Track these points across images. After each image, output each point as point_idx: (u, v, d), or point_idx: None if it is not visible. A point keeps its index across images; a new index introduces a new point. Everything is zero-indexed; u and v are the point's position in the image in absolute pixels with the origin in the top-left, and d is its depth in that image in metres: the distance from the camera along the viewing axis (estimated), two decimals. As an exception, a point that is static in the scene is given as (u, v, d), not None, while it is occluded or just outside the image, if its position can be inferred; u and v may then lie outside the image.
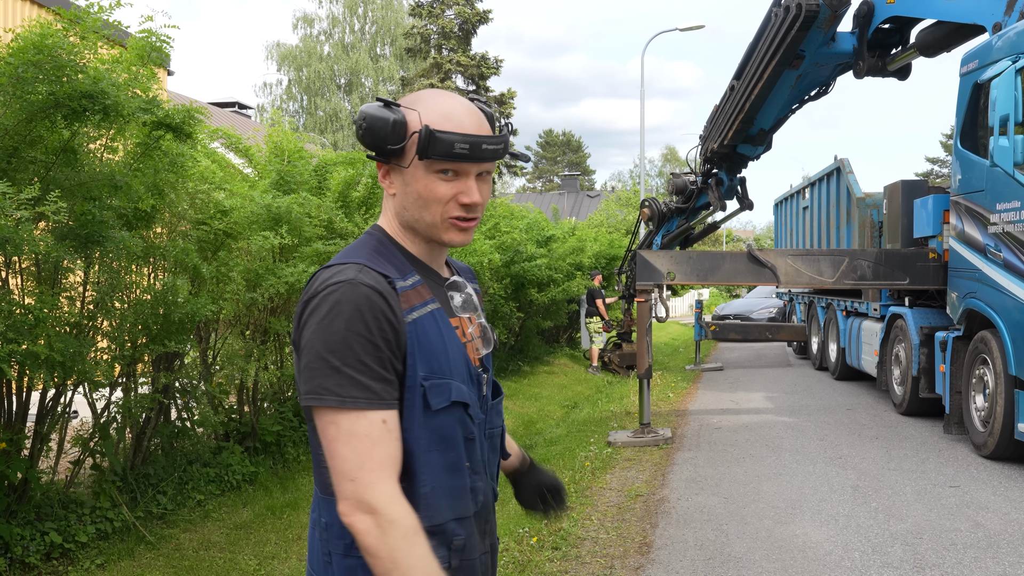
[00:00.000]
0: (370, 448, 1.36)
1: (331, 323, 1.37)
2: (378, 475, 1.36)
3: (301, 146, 7.50)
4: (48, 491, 4.74)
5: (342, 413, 1.36)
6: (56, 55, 3.98)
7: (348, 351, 1.37)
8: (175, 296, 4.89)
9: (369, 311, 1.38)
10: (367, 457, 1.36)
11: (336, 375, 1.36)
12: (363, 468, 1.35)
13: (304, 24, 48.41)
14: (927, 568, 4.51)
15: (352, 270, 1.43)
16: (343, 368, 1.36)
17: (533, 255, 13.25)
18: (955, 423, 7.67)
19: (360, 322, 1.37)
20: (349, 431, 1.36)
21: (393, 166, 1.50)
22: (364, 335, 1.37)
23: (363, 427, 1.36)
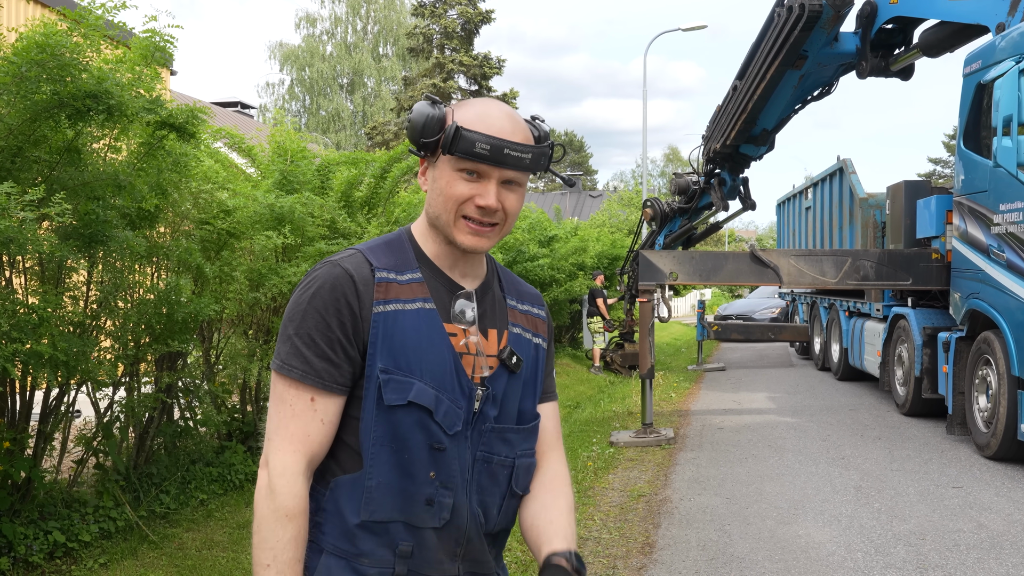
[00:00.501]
0: (289, 418, 1.43)
1: (301, 295, 1.46)
2: (285, 444, 1.42)
3: (304, 146, 7.51)
4: (51, 490, 4.75)
5: (280, 378, 1.45)
6: (59, 54, 3.98)
7: (303, 323, 1.44)
8: (178, 296, 4.90)
9: (331, 291, 1.44)
10: (283, 425, 1.43)
11: (288, 343, 1.45)
12: (277, 432, 1.43)
13: (307, 24, 48.46)
14: (930, 569, 4.50)
15: (344, 253, 1.50)
16: (293, 337, 1.44)
17: (535, 255, 13.26)
18: (958, 424, 7.66)
19: (320, 300, 1.43)
20: (280, 396, 1.45)
21: (427, 160, 1.54)
22: (320, 312, 1.43)
23: (290, 396, 1.43)
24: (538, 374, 1.64)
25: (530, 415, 1.62)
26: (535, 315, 1.67)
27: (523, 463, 1.60)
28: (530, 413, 1.62)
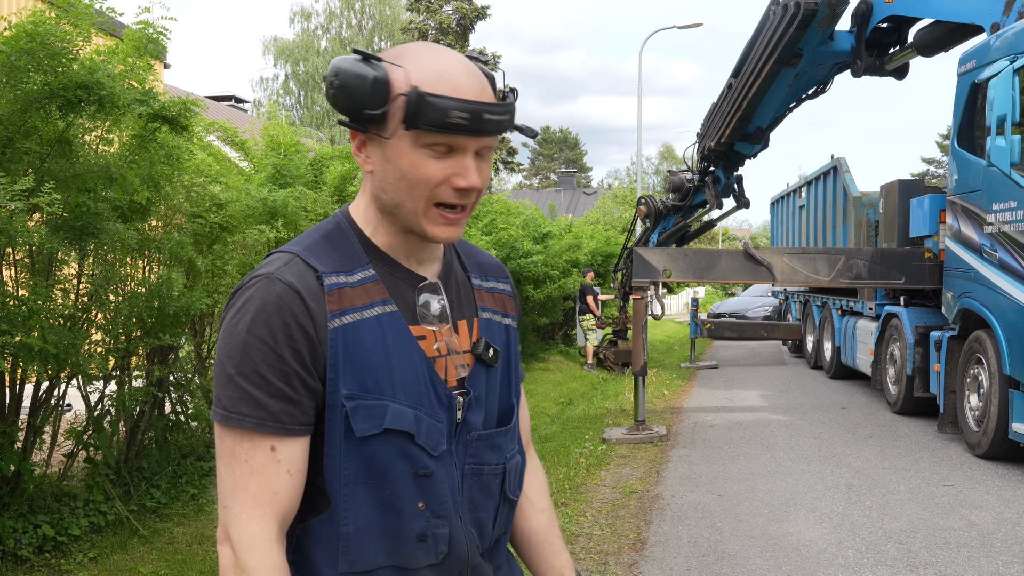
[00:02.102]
0: (247, 477, 1.15)
1: (236, 324, 1.16)
2: (247, 511, 1.15)
3: (297, 140, 7.49)
4: (41, 484, 4.72)
5: (227, 430, 1.16)
6: (49, 43, 3.95)
7: (245, 359, 1.15)
8: (170, 289, 4.87)
9: (277, 314, 1.15)
10: (241, 487, 1.15)
11: (229, 385, 1.15)
12: (234, 497, 1.15)
13: (301, 18, 48.33)
14: (920, 566, 4.52)
15: (279, 261, 1.21)
16: (236, 378, 1.15)
17: (529, 252, 13.25)
18: (949, 422, 7.68)
19: (263, 326, 1.15)
20: (231, 451, 1.16)
21: (371, 136, 1.21)
22: (267, 342, 1.14)
23: (245, 451, 1.15)
24: (512, 361, 1.41)
25: (511, 409, 1.40)
26: (501, 292, 1.44)
27: (513, 465, 1.39)
28: (510, 407, 1.40)
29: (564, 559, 1.53)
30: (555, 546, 1.52)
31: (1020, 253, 6.37)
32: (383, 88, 1.17)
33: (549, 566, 1.51)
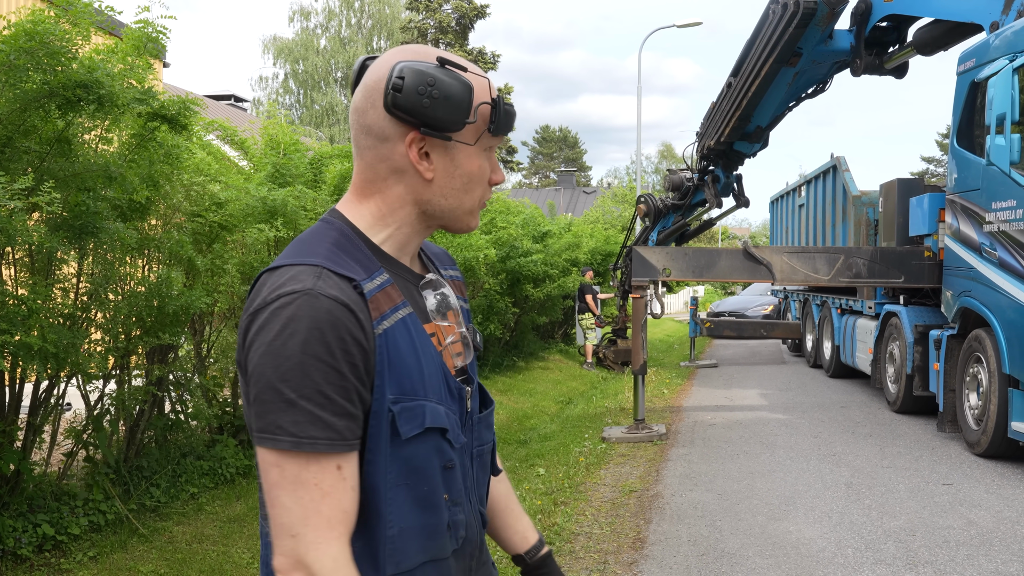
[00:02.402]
0: (318, 500, 1.13)
1: (284, 345, 1.12)
2: (324, 534, 1.12)
3: (297, 139, 7.49)
4: (41, 483, 4.72)
5: (291, 456, 1.12)
6: (48, 42, 3.95)
7: (306, 380, 1.12)
8: (169, 288, 4.87)
9: (332, 331, 1.13)
10: (313, 511, 1.12)
11: (291, 410, 1.11)
12: (307, 523, 1.12)
13: (301, 17, 48.32)
14: (920, 565, 4.52)
15: (308, 275, 1.16)
16: (299, 401, 1.11)
17: (529, 251, 13.25)
18: (949, 421, 7.69)
19: (320, 344, 1.12)
20: (296, 478, 1.12)
21: (443, 143, 1.26)
22: (326, 360, 1.12)
23: (312, 474, 1.12)
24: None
25: (480, 386, 1.47)
26: (458, 279, 1.49)
27: (494, 439, 1.47)
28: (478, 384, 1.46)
29: (526, 522, 1.61)
30: (516, 511, 1.60)
31: (1020, 252, 6.37)
32: (472, 97, 1.24)
33: (513, 531, 1.58)
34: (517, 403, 10.97)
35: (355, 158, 1.31)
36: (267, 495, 1.14)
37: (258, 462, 1.16)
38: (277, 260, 1.23)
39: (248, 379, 1.16)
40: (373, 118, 1.25)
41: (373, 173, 1.28)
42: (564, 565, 4.64)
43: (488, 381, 12.02)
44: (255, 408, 1.14)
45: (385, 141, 1.25)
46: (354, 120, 1.28)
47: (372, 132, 1.26)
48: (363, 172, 1.29)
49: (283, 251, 1.26)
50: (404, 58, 1.24)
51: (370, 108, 1.25)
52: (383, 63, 1.27)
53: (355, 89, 1.31)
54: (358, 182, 1.30)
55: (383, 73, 1.25)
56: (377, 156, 1.27)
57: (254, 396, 1.14)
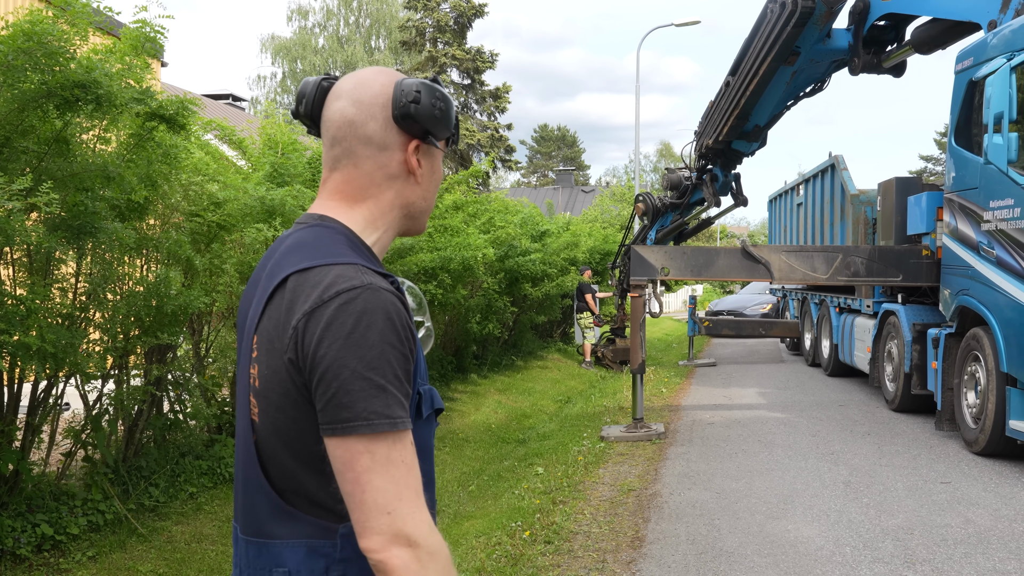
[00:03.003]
0: (406, 475, 1.22)
1: (364, 336, 1.20)
2: (416, 504, 1.21)
3: (295, 138, 7.49)
4: (39, 483, 4.72)
5: (380, 439, 1.20)
6: (46, 42, 3.96)
7: (388, 367, 1.21)
8: (168, 288, 4.87)
9: (398, 319, 1.24)
10: (404, 485, 1.21)
11: (383, 395, 1.20)
12: (401, 498, 1.20)
13: (299, 16, 48.28)
14: (918, 563, 4.53)
15: (354, 272, 1.26)
16: (387, 386, 1.21)
17: (527, 250, 13.25)
18: (947, 420, 7.70)
19: (392, 332, 1.22)
20: (387, 458, 1.20)
21: (429, 151, 1.43)
22: (397, 347, 1.23)
23: (399, 452, 1.21)
24: None
25: None
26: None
27: None
28: None
29: None
30: None
31: (1017, 250, 6.38)
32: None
33: None
34: (516, 402, 10.98)
35: (345, 167, 1.39)
36: (355, 483, 1.20)
37: (337, 455, 1.21)
38: (301, 262, 1.29)
39: (322, 375, 1.21)
40: (374, 129, 1.37)
41: (369, 180, 1.39)
42: (563, 564, 4.65)
43: (487, 380, 12.03)
44: (340, 399, 1.20)
45: (385, 150, 1.38)
46: (347, 133, 1.37)
47: (372, 142, 1.37)
48: (357, 179, 1.39)
49: (293, 255, 1.32)
50: (397, 76, 1.39)
51: (369, 120, 1.36)
52: (371, 81, 1.38)
53: (314, 108, 1.42)
54: (348, 189, 1.39)
55: (380, 89, 1.37)
56: (376, 164, 1.38)
57: (337, 388, 1.20)
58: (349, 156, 1.38)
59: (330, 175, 1.41)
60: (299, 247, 1.33)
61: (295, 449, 1.27)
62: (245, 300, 1.43)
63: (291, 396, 1.25)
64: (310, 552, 1.27)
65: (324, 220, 1.37)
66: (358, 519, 1.20)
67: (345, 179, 1.39)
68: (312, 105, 1.42)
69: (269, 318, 1.29)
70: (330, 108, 1.39)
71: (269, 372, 1.28)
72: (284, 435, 1.28)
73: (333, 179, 1.40)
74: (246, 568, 1.34)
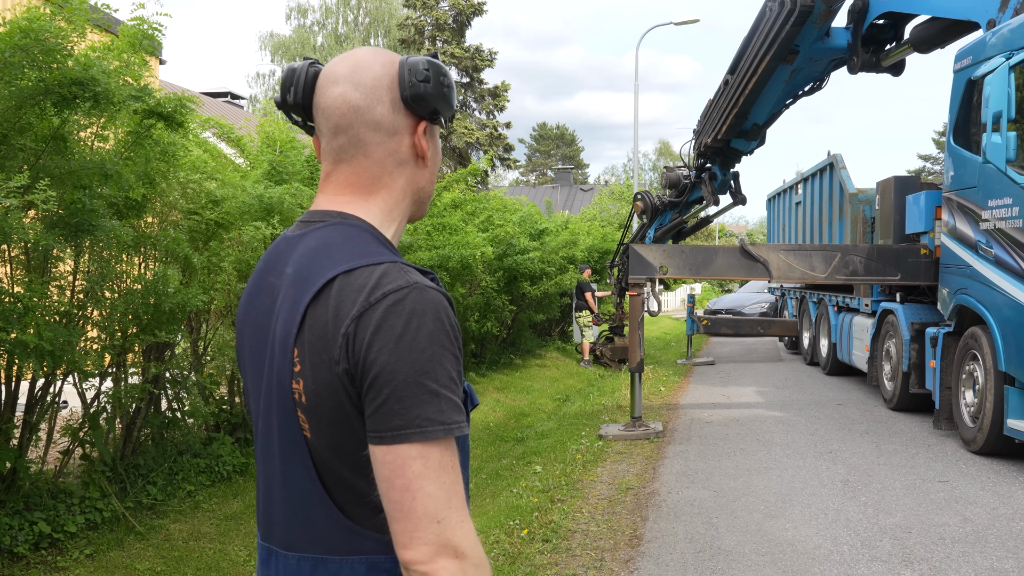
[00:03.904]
0: (455, 482, 1.15)
1: (415, 339, 1.14)
2: (463, 512, 1.15)
3: (293, 136, 7.48)
4: (37, 481, 4.72)
5: (433, 444, 1.13)
6: (44, 39, 3.95)
7: (441, 370, 1.15)
8: (166, 286, 4.87)
9: (447, 319, 1.18)
10: (454, 492, 1.14)
11: (436, 400, 1.14)
12: (450, 506, 1.13)
13: (297, 14, 48.23)
14: (915, 562, 4.53)
15: (398, 271, 1.19)
16: (442, 391, 1.15)
17: (526, 248, 13.25)
18: (945, 419, 7.70)
19: (443, 334, 1.16)
20: (439, 464, 1.14)
21: (433, 131, 1.35)
22: (449, 348, 1.17)
23: (450, 457, 1.15)
24: None
25: None
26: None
27: None
28: None
29: None
30: None
31: (1015, 249, 6.38)
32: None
33: None
34: (514, 401, 10.98)
35: (353, 157, 1.29)
36: (404, 491, 1.12)
37: (386, 461, 1.13)
38: (340, 264, 1.20)
39: (373, 380, 1.14)
40: (383, 113, 1.27)
41: (380, 169, 1.30)
42: (560, 562, 4.65)
43: (485, 379, 12.03)
44: (391, 406, 1.13)
45: (395, 135, 1.29)
46: (352, 119, 1.27)
47: (382, 127, 1.28)
48: (369, 169, 1.29)
49: (325, 258, 1.22)
50: (394, 55, 1.31)
51: (377, 104, 1.26)
52: (370, 62, 1.29)
53: (305, 95, 1.31)
54: (360, 181, 1.30)
55: (381, 71, 1.27)
56: (387, 151, 1.29)
57: (389, 394, 1.13)
58: (357, 145, 1.28)
59: (335, 167, 1.30)
60: (329, 248, 1.23)
61: (354, 463, 1.20)
62: (250, 304, 1.33)
63: (345, 409, 1.17)
64: (370, 568, 1.22)
65: (345, 217, 1.28)
66: (404, 529, 1.13)
67: (355, 170, 1.29)
68: (303, 92, 1.31)
69: (311, 328, 1.19)
70: (327, 95, 1.28)
71: (318, 387, 1.18)
72: (341, 450, 1.20)
73: (340, 171, 1.30)
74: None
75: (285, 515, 1.27)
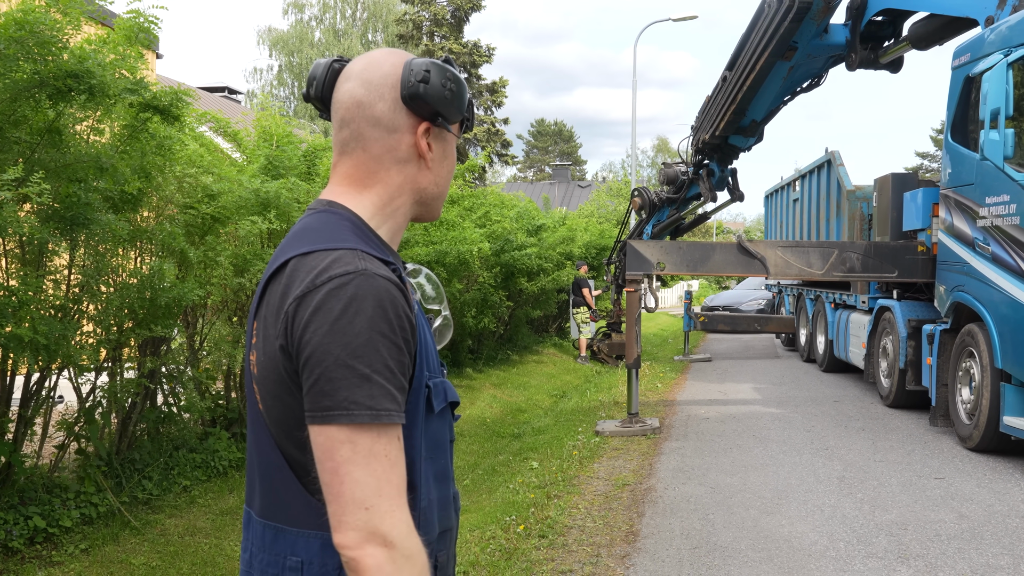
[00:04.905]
0: (388, 470, 1.16)
1: (351, 322, 1.15)
2: (396, 502, 1.16)
3: (290, 131, 7.46)
4: (32, 475, 4.71)
5: (363, 430, 1.14)
6: (38, 31, 3.93)
7: (376, 355, 1.16)
8: (161, 280, 4.85)
9: (392, 307, 1.18)
10: (385, 481, 1.15)
11: (366, 385, 1.15)
12: (380, 494, 1.14)
13: (295, 9, 48.12)
14: (911, 559, 4.53)
15: (352, 257, 1.20)
16: (373, 376, 1.15)
17: (523, 244, 13.24)
18: (941, 415, 7.71)
19: (384, 320, 1.17)
20: (369, 451, 1.14)
21: (440, 135, 1.37)
22: (389, 336, 1.17)
23: (383, 445, 1.16)
24: None
25: None
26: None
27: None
28: None
29: None
30: None
31: (1013, 247, 6.39)
32: (467, 93, 1.38)
33: None
34: (511, 396, 10.98)
35: (354, 151, 1.34)
36: (333, 474, 1.15)
37: (318, 443, 1.16)
38: (302, 247, 1.24)
39: (306, 360, 1.17)
40: (383, 110, 1.32)
41: (377, 164, 1.34)
42: (557, 558, 4.64)
43: (482, 375, 12.03)
44: (321, 386, 1.15)
45: (394, 132, 1.33)
46: (355, 114, 1.33)
47: (381, 124, 1.32)
48: (365, 163, 1.34)
49: (297, 240, 1.27)
50: (407, 56, 1.34)
51: (378, 101, 1.31)
52: (381, 61, 1.34)
53: (324, 90, 1.39)
54: (357, 174, 1.35)
55: (390, 70, 1.32)
56: (384, 147, 1.33)
57: (320, 374, 1.15)
58: (357, 139, 1.33)
59: (339, 159, 1.36)
60: (303, 232, 1.29)
61: (296, 441, 1.23)
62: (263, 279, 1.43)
63: (285, 384, 1.21)
64: (325, 545, 1.22)
65: (332, 206, 1.33)
66: (333, 512, 1.15)
67: (354, 163, 1.35)
68: (323, 87, 1.38)
69: (267, 304, 1.26)
70: (340, 90, 1.35)
71: (265, 359, 1.24)
72: (283, 424, 1.24)
73: (343, 163, 1.36)
74: (259, 552, 1.30)
75: (260, 481, 1.32)
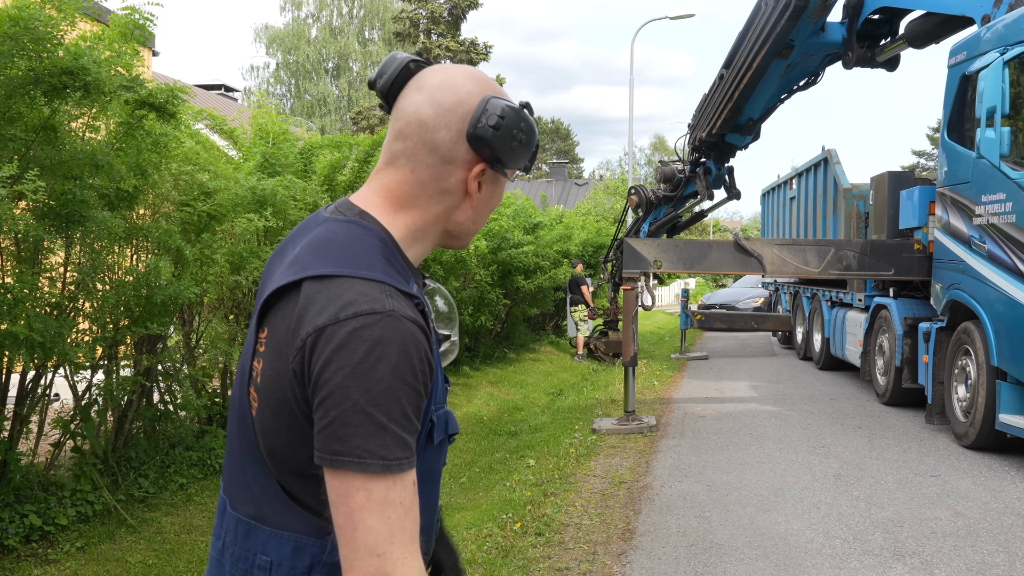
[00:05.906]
0: (403, 517, 1.13)
1: (374, 367, 1.11)
2: (408, 549, 1.13)
3: (286, 129, 7.45)
4: (28, 473, 4.70)
5: (378, 479, 1.11)
6: (33, 28, 3.91)
7: (395, 404, 1.12)
8: (158, 278, 4.84)
9: (416, 354, 1.14)
10: (399, 528, 1.12)
11: (381, 434, 1.11)
12: (393, 541, 1.12)
13: (292, 6, 48.06)
14: (907, 556, 4.54)
15: (379, 293, 1.15)
16: (389, 425, 1.11)
17: (520, 242, 13.24)
18: (937, 413, 7.73)
19: (407, 367, 1.13)
20: (384, 499, 1.11)
21: (494, 176, 1.33)
22: (411, 383, 1.13)
23: (398, 493, 1.13)
24: None
25: None
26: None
27: None
28: None
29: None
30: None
31: (1009, 245, 6.39)
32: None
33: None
34: (508, 394, 10.98)
35: (402, 167, 1.29)
36: (347, 519, 1.12)
37: (333, 486, 1.13)
38: (325, 265, 1.18)
39: (323, 399, 1.12)
40: (444, 139, 1.26)
41: (421, 188, 1.28)
42: (553, 556, 4.64)
43: (479, 373, 12.02)
44: (335, 430, 1.11)
45: (448, 163, 1.27)
46: (415, 132, 1.27)
47: (438, 152, 1.26)
48: (410, 184, 1.28)
49: (319, 254, 1.21)
50: (489, 90, 1.28)
51: (443, 128, 1.25)
52: (458, 85, 1.27)
53: (392, 88, 1.31)
54: (398, 192, 1.29)
55: (465, 97, 1.26)
56: (433, 175, 1.27)
57: (335, 417, 1.11)
58: (409, 157, 1.27)
59: (385, 168, 1.30)
60: (328, 245, 1.22)
61: (284, 456, 1.21)
62: (270, 261, 1.35)
63: (288, 406, 1.17)
64: (297, 548, 1.21)
65: (364, 217, 1.26)
66: (345, 555, 1.12)
67: (398, 180, 1.28)
68: (390, 85, 1.31)
69: (282, 317, 1.19)
70: (407, 98, 1.28)
71: (273, 375, 1.19)
72: (274, 439, 1.21)
73: (386, 175, 1.29)
74: (231, 544, 1.29)
75: (239, 475, 1.29)
